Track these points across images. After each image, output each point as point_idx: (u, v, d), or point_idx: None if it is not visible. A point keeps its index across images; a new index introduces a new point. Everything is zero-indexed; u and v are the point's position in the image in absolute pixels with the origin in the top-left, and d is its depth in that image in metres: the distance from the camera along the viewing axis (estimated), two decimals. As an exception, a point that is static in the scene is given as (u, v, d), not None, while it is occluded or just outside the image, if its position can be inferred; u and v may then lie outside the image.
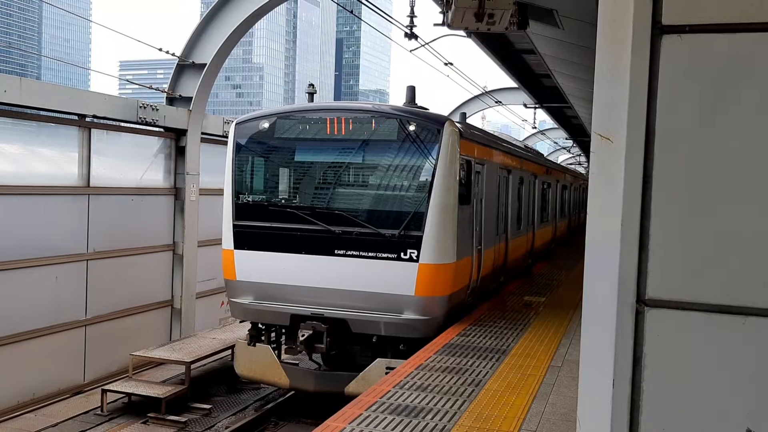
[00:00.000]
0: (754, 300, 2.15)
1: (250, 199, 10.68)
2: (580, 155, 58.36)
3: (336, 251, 9.95)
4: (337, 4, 16.98)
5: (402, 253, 9.65)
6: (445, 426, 6.06)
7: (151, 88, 16.59)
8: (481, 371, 7.80)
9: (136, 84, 16.31)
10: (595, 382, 2.32)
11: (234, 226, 10.58)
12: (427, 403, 6.60)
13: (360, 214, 9.98)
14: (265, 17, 18.76)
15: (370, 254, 9.78)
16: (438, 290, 9.74)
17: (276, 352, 10.67)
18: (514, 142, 18.59)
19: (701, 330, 2.20)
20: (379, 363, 9.63)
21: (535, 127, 40.00)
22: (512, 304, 12.38)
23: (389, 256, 9.69)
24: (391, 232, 9.67)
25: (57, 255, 11.67)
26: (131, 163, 13.94)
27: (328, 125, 10.26)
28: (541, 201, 19.05)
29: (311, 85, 13.43)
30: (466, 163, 10.53)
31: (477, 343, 9.20)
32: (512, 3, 7.92)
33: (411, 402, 6.63)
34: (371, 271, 9.73)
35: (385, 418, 6.18)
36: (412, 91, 11.53)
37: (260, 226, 10.42)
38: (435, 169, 9.64)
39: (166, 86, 15.31)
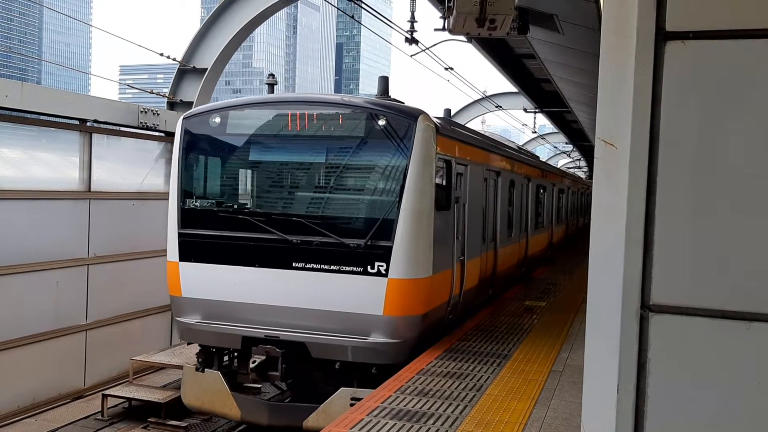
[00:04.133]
0: (759, 305, 2.15)
1: (197, 204, 9.39)
2: (580, 159, 58.43)
3: (294, 264, 8.69)
4: (337, 8, 17.02)
5: (369, 267, 8.40)
6: (447, 431, 6.04)
7: (151, 92, 16.61)
8: (482, 376, 7.79)
9: (137, 89, 16.37)
10: (599, 388, 2.32)
11: (179, 234, 9.32)
12: (429, 408, 6.59)
13: (321, 221, 8.71)
14: (265, 22, 18.80)
15: (332, 267, 8.52)
16: (410, 309, 8.50)
17: (229, 378, 9.42)
18: (504, 143, 17.40)
19: (706, 335, 2.20)
20: (343, 393, 8.42)
21: (535, 132, 40.06)
22: (513, 308, 12.36)
23: (354, 269, 8.44)
24: (356, 242, 8.42)
25: (57, 260, 11.67)
26: (132, 167, 13.94)
27: (284, 120, 9.11)
28: (536, 206, 17.92)
29: (271, 75, 12.30)
30: (445, 164, 9.41)
31: (478, 347, 9.19)
32: (513, 8, 7.94)
33: (412, 407, 6.62)
34: (333, 287, 8.49)
35: (387, 423, 6.17)
36: (384, 81, 10.24)
37: (208, 234, 9.14)
38: (407, 169, 8.42)
39: (166, 91, 15.34)
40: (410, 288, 8.45)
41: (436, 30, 11.40)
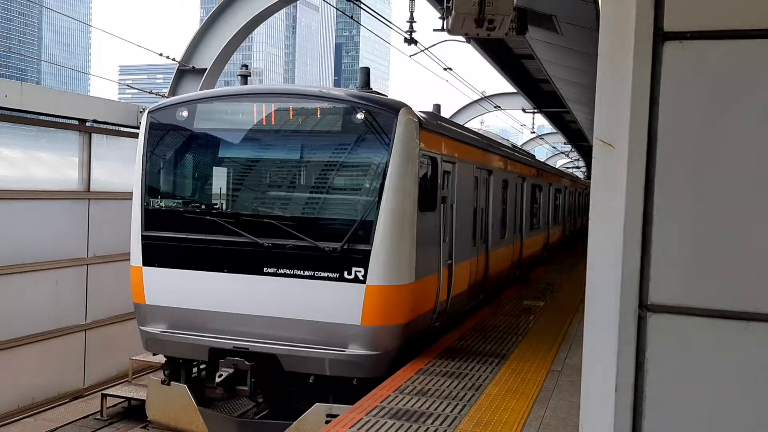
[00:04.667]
0: (757, 305, 2.16)
1: (162, 205, 8.78)
2: (578, 160, 58.47)
3: (265, 269, 8.08)
4: (337, 9, 17.03)
5: (345, 272, 7.79)
6: (445, 431, 6.05)
7: (151, 93, 16.61)
8: (481, 376, 7.80)
9: (136, 89, 16.38)
10: (597, 388, 2.32)
11: (143, 237, 8.66)
12: (428, 408, 6.60)
13: (294, 223, 8.12)
14: (264, 22, 18.80)
15: (306, 273, 7.92)
16: (390, 318, 7.90)
17: (197, 391, 8.85)
18: (498, 141, 16.75)
19: (704, 335, 2.21)
20: (318, 409, 7.83)
21: (534, 132, 40.08)
22: (511, 308, 12.37)
23: (330, 275, 7.84)
24: (332, 246, 7.82)
25: (57, 260, 11.67)
26: (131, 167, 13.92)
27: (256, 113, 8.48)
28: (531, 206, 17.37)
29: (244, 66, 11.72)
30: (430, 161, 8.82)
31: (476, 347, 9.19)
32: (512, 9, 7.95)
33: (411, 407, 6.62)
34: (307, 295, 7.92)
35: (386, 422, 6.18)
36: (366, 73, 9.52)
37: (174, 237, 8.51)
38: (387, 166, 7.81)
39: (165, 91, 15.34)
40: (390, 295, 7.85)
41: (435, 30, 11.41)
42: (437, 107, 12.52)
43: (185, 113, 8.67)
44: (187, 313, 8.43)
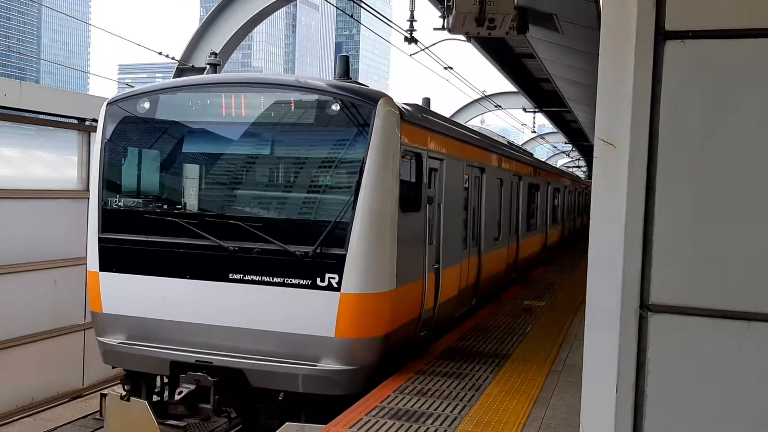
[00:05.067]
0: (758, 305, 2.15)
1: (121, 204, 8.07)
2: (579, 159, 58.50)
3: (231, 275, 7.43)
4: (337, 8, 17.02)
5: (318, 279, 7.15)
6: (445, 431, 6.05)
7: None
8: (481, 376, 7.80)
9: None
10: (598, 388, 2.32)
11: (100, 240, 7.98)
12: (428, 408, 6.59)
13: (262, 224, 7.47)
14: (264, 21, 18.79)
15: (275, 280, 7.29)
16: (368, 329, 7.27)
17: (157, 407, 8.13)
18: (492, 137, 15.97)
19: (705, 335, 2.20)
20: (288, 429, 7.23)
21: (535, 131, 40.08)
22: (512, 308, 12.37)
23: (301, 282, 7.21)
24: (303, 250, 7.16)
25: (56, 259, 11.66)
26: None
27: (224, 104, 7.79)
28: (528, 206, 16.74)
29: (214, 54, 10.96)
30: (414, 157, 8.22)
31: (477, 347, 9.19)
32: (513, 8, 7.94)
33: (411, 407, 6.62)
34: (277, 304, 7.28)
35: (386, 422, 6.17)
36: (345, 62, 8.74)
37: (133, 240, 7.84)
38: (364, 162, 7.19)
39: (165, 90, 15.31)
40: (368, 304, 7.21)
41: (435, 29, 11.40)
42: (426, 101, 11.77)
43: (147, 104, 8.01)
44: (147, 323, 7.76)
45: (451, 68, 19.60)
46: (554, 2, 11.50)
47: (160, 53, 15.13)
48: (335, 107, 7.37)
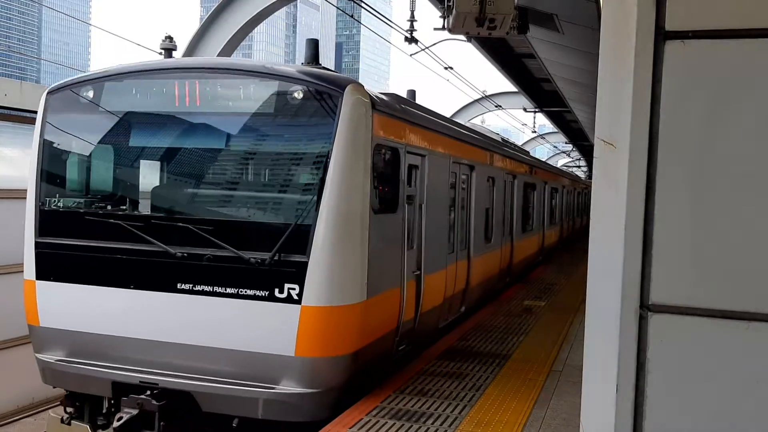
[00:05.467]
0: (758, 305, 2.15)
1: (60, 205, 7.24)
2: (579, 159, 58.51)
3: (179, 285, 6.58)
4: (337, 8, 17.03)
5: (276, 290, 6.32)
6: (446, 431, 6.05)
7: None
8: (481, 376, 7.80)
9: (137, 88, 16.36)
10: (598, 387, 2.32)
11: (36, 245, 7.22)
12: (428, 408, 6.59)
13: (214, 227, 6.55)
14: (264, 21, 18.81)
15: (228, 290, 6.45)
16: (333, 347, 6.44)
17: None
18: (484, 132, 15.03)
19: (705, 335, 2.20)
20: None
21: (535, 131, 40.09)
22: (512, 308, 12.37)
23: (257, 293, 6.37)
24: (259, 256, 6.32)
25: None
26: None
27: (173, 92, 6.93)
28: (523, 206, 15.99)
29: (168, 37, 9.83)
30: (390, 152, 7.45)
31: (477, 347, 9.19)
32: (513, 8, 7.94)
33: (412, 407, 6.62)
34: (230, 318, 6.46)
35: (386, 422, 6.17)
36: (313, 46, 7.83)
37: (72, 245, 6.99)
38: (329, 157, 6.37)
39: (166, 90, 15.35)
40: (333, 318, 6.39)
41: (435, 29, 11.41)
42: (411, 93, 10.94)
43: (90, 93, 7.17)
44: (88, 339, 6.89)
45: (451, 68, 19.61)
46: (554, 2, 11.50)
47: (161, 53, 15.14)
48: (297, 95, 6.55)
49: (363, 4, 12.13)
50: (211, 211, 6.96)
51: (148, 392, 6.60)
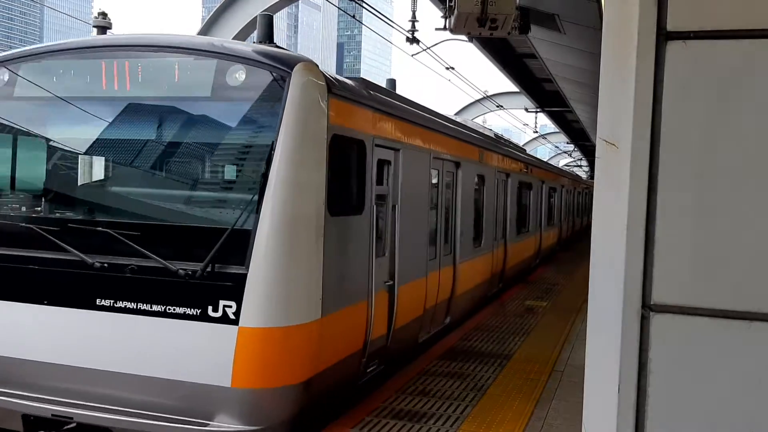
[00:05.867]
0: (760, 305, 2.16)
1: None
2: (581, 159, 58.51)
3: (98, 301, 5.59)
4: (338, 8, 17.04)
5: (210, 307, 5.33)
6: (447, 431, 6.05)
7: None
8: (483, 376, 7.80)
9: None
10: (600, 387, 2.32)
11: None
12: (430, 408, 6.60)
13: (140, 232, 5.61)
14: (266, 22, 18.85)
15: (154, 308, 5.46)
16: (279, 376, 5.43)
17: None
18: (472, 126, 13.96)
19: (707, 335, 2.21)
20: None
21: (537, 132, 40.10)
22: (514, 308, 12.37)
23: (188, 311, 5.38)
24: (189, 267, 5.35)
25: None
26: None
27: (103, 74, 5.97)
28: (518, 207, 15.18)
29: (101, 14, 8.80)
30: (354, 145, 6.50)
31: (479, 347, 9.20)
32: (514, 8, 7.95)
33: (413, 407, 6.62)
34: (156, 340, 5.46)
35: (388, 422, 6.18)
36: (266, 23, 6.64)
37: None
38: (273, 149, 5.36)
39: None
40: (278, 342, 5.39)
41: (437, 29, 11.42)
42: (391, 82, 10.00)
43: (5, 77, 6.23)
44: None
45: (452, 68, 19.62)
46: (556, 2, 11.50)
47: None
48: (238, 75, 5.60)
49: (364, 5, 12.15)
50: (135, 213, 5.95)
51: (63, 427, 5.65)
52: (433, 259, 9.03)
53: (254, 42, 6.67)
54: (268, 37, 6.51)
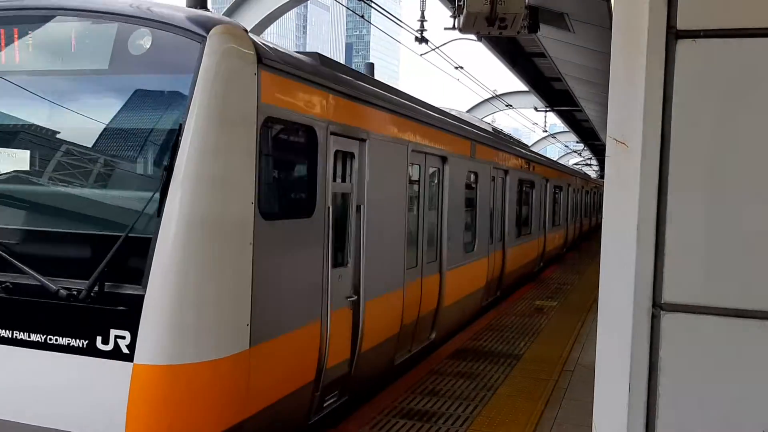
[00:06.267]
0: (771, 304, 2.15)
1: None
2: (591, 158, 58.31)
3: None
4: (347, 8, 17.05)
5: (99, 338, 4.19)
6: (457, 430, 6.05)
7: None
8: (492, 376, 7.79)
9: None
10: (610, 387, 2.32)
11: None
12: (440, 408, 6.60)
13: (13, 239, 4.53)
14: (274, 22, 18.86)
15: (32, 338, 4.32)
16: (189, 424, 4.28)
17: None
18: (465, 118, 12.53)
19: (718, 334, 2.20)
20: None
21: (546, 131, 40.00)
22: (523, 308, 12.35)
23: (71, 343, 4.24)
24: (72, 286, 4.19)
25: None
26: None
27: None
28: (518, 207, 14.14)
29: None
30: (299, 132, 5.37)
31: (489, 347, 9.18)
32: (524, 7, 7.93)
33: (423, 406, 6.62)
34: (34, 379, 4.34)
35: (397, 422, 6.18)
36: None
37: None
38: (180, 135, 4.24)
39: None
40: (186, 382, 4.22)
41: (446, 29, 11.42)
42: (369, 66, 9.15)
43: None
44: None
45: (461, 68, 19.60)
46: (565, 1, 11.48)
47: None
48: (143, 42, 4.49)
49: (373, 5, 12.15)
50: (10, 216, 4.77)
51: None
52: (413, 267, 7.91)
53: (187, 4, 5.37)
54: (200, 3, 5.27)
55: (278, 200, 5.28)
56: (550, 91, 26.75)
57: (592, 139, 41.76)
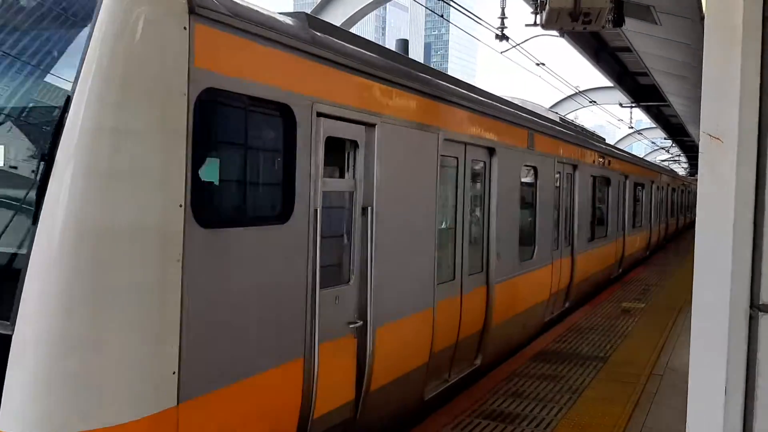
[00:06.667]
0: None
1: None
2: (679, 155, 56.19)
3: None
4: (426, 8, 17.09)
5: None
6: (541, 432, 5.98)
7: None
8: (577, 379, 7.63)
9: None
10: (706, 389, 2.25)
11: None
12: (522, 410, 6.52)
13: None
14: (353, 25, 19.11)
15: None
16: None
17: None
18: (515, 102, 10.44)
19: (822, 337, 2.10)
20: None
21: (632, 127, 38.80)
22: (609, 311, 12.03)
23: None
24: None
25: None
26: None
27: None
28: (591, 207, 12.51)
29: None
30: (273, 109, 4.17)
31: (573, 349, 9.01)
32: (609, 1, 7.75)
33: (506, 408, 6.57)
34: None
35: (480, 422, 6.16)
36: None
37: None
38: (65, 110, 3.12)
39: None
40: None
41: (527, 26, 11.27)
42: (403, 43, 7.88)
43: None
44: None
45: (543, 64, 19.30)
46: (651, -7, 11.12)
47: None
48: None
49: (453, 3, 12.13)
50: None
51: None
52: (448, 281, 6.63)
53: None
54: None
55: (226, 202, 4.04)
56: (636, 87, 25.95)
57: (680, 135, 40.20)
